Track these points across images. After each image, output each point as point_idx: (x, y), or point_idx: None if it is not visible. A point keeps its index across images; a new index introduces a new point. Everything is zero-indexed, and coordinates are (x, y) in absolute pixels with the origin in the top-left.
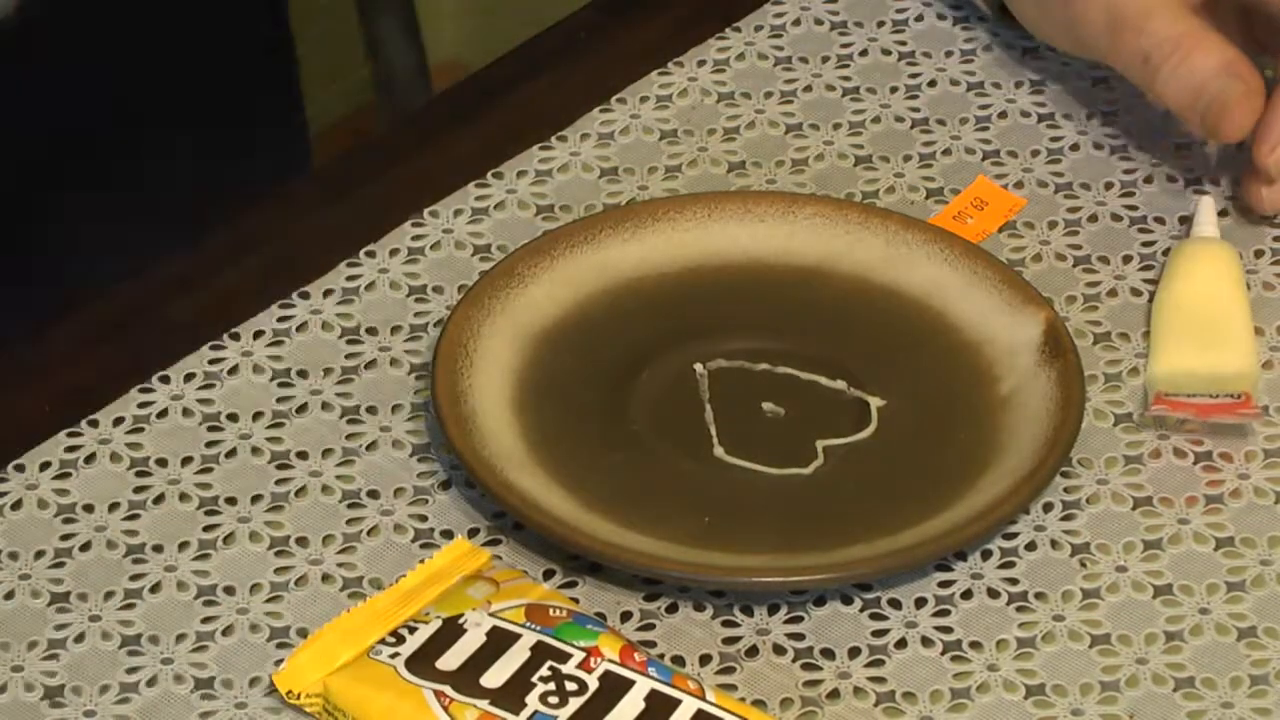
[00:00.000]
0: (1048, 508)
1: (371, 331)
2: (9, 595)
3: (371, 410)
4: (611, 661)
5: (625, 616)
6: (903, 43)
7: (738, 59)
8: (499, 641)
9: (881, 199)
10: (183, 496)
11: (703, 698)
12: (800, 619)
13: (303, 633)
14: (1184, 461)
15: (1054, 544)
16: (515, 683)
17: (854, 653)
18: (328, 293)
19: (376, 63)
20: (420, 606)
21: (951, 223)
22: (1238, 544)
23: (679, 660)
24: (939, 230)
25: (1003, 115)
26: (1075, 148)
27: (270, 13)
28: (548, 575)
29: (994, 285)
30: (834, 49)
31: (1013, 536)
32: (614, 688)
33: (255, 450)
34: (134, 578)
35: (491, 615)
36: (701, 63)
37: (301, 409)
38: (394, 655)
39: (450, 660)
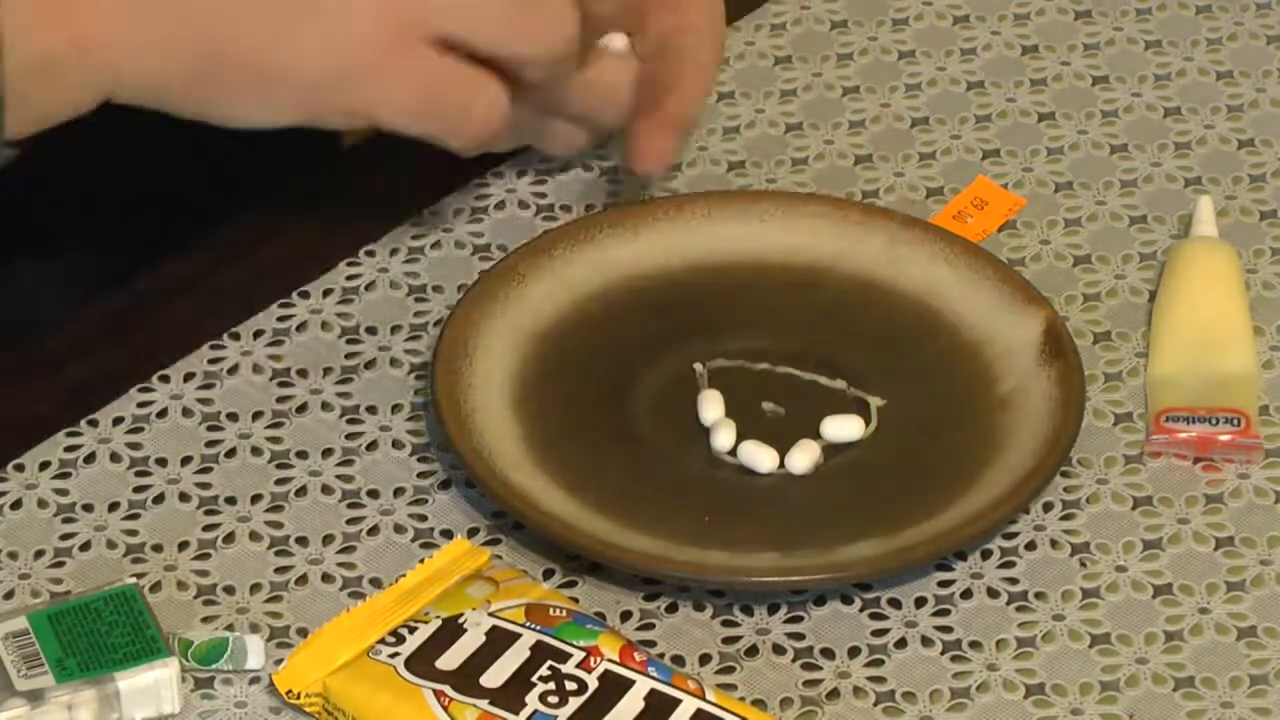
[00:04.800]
0: (1048, 507)
1: (371, 331)
2: (9, 595)
3: (371, 410)
4: (611, 661)
5: (625, 616)
6: (903, 42)
7: (738, 59)
8: (499, 641)
9: (881, 198)
10: (183, 496)
11: (703, 697)
12: (800, 619)
13: (303, 633)
14: (1184, 461)
15: (1054, 544)
16: (515, 682)
17: (854, 652)
18: (328, 292)
19: None
20: (420, 606)
21: (951, 222)
22: (1238, 544)
23: (679, 660)
24: (939, 230)
25: (1003, 115)
26: (1075, 147)
27: None
28: (548, 575)
29: (994, 285)
30: (834, 49)
31: (1013, 536)
32: (614, 687)
33: (255, 450)
34: (134, 577)
35: (491, 615)
36: None
37: (301, 409)
38: (394, 655)
39: (450, 660)
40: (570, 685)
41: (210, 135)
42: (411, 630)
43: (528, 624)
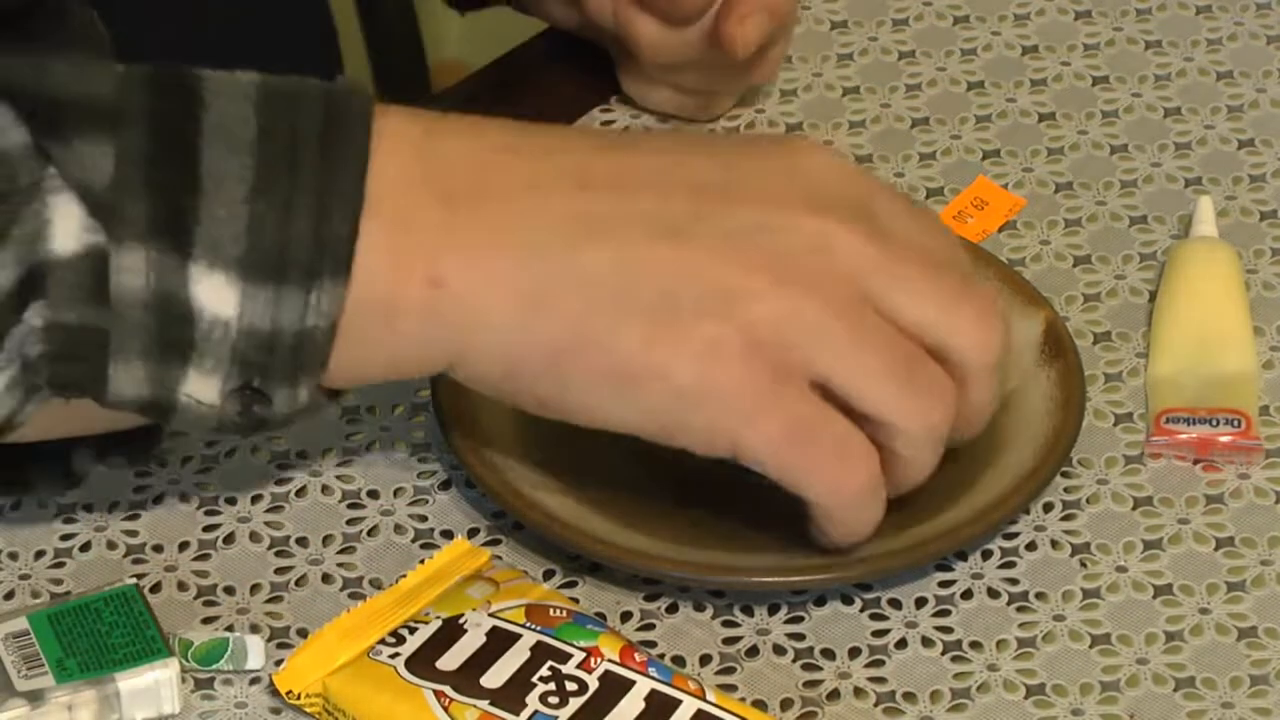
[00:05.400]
0: (1048, 508)
1: None
2: (9, 595)
3: (371, 410)
4: (612, 661)
5: (625, 616)
6: (903, 42)
7: None
8: (499, 641)
9: None
10: (183, 496)
11: (703, 698)
12: (800, 619)
13: (303, 633)
14: (1184, 461)
15: (1054, 544)
16: (515, 683)
17: (854, 653)
18: None
19: (376, 63)
20: (420, 606)
21: (951, 222)
22: (1238, 544)
23: (679, 660)
24: None
25: (1003, 115)
26: (1075, 148)
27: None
28: (548, 575)
29: (994, 285)
30: (834, 49)
31: (1013, 536)
32: (614, 688)
33: (255, 450)
34: (134, 578)
35: (491, 615)
36: None
37: None
38: (394, 655)
39: (450, 660)
40: (571, 686)
41: None
42: (412, 631)
43: (528, 624)
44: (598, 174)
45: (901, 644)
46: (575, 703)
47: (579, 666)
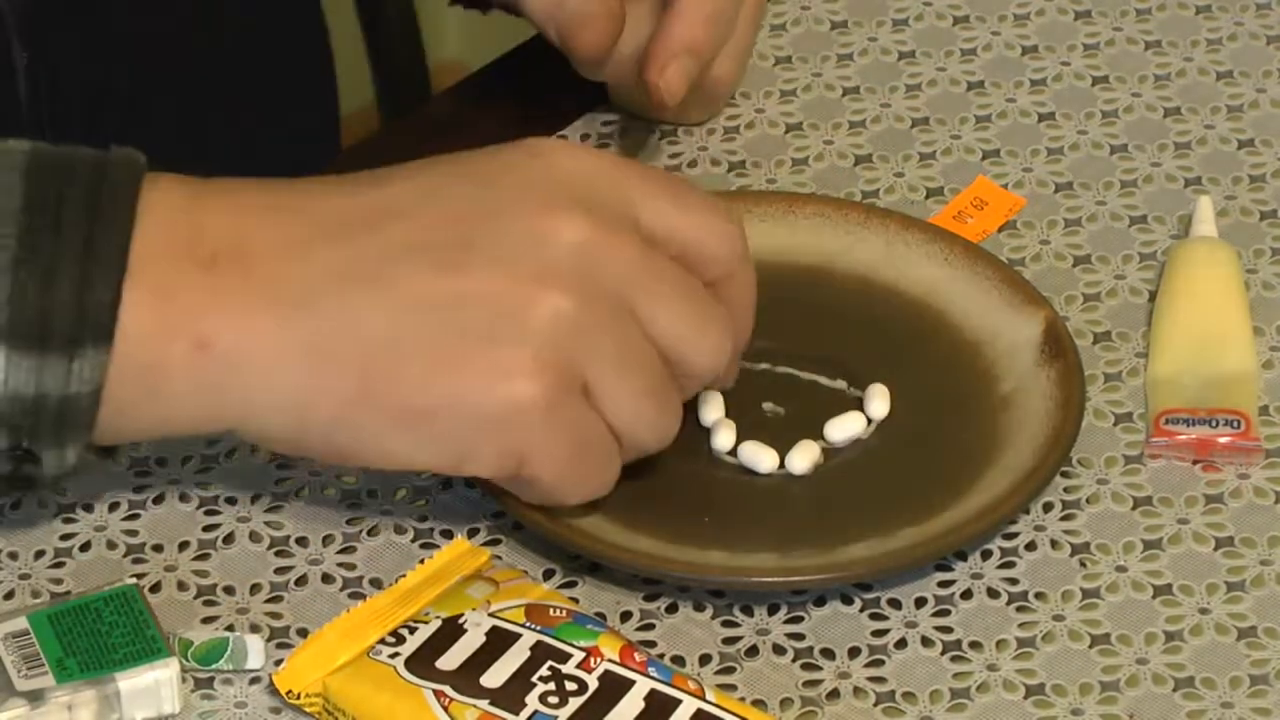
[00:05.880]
0: (1048, 508)
1: None
2: (9, 595)
3: None
4: (611, 661)
5: (625, 616)
6: (903, 42)
7: None
8: (499, 641)
9: (881, 199)
10: (183, 496)
11: (703, 698)
12: (800, 619)
13: (303, 633)
14: (1184, 461)
15: (1054, 544)
16: (515, 682)
17: (854, 653)
18: None
19: (376, 63)
20: (420, 606)
21: (951, 222)
22: (1238, 544)
23: (679, 660)
24: (939, 230)
25: (1003, 115)
26: (1075, 147)
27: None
28: (548, 575)
29: (994, 285)
30: (834, 49)
31: (1013, 536)
32: (614, 687)
33: (255, 450)
34: (134, 577)
35: (491, 615)
36: None
37: None
38: (394, 655)
39: (450, 660)
40: (570, 685)
41: (210, 136)
42: (411, 630)
43: (528, 624)
44: (356, 218)
45: (901, 644)
46: (575, 702)
47: (579, 666)
